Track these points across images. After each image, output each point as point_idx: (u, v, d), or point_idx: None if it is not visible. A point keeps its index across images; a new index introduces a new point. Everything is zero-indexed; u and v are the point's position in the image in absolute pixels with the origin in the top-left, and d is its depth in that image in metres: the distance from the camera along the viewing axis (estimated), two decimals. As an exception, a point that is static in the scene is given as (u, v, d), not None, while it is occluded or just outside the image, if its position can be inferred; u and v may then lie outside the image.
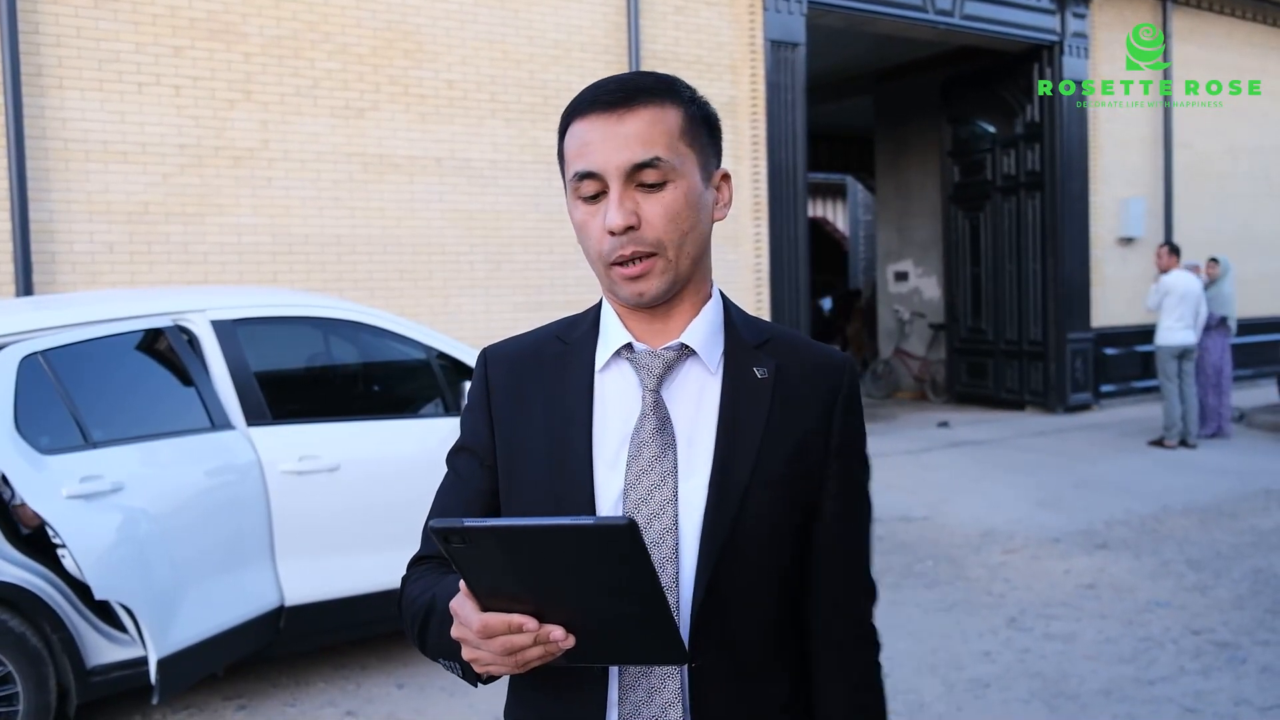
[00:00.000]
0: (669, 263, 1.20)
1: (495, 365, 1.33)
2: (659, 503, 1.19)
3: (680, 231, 1.20)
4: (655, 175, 1.18)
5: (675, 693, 1.18)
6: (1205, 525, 6.72)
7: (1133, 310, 12.05)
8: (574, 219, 1.24)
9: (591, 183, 1.20)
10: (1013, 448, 9.69)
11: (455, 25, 7.79)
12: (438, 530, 0.99)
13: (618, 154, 1.18)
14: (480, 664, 1.08)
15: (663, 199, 1.19)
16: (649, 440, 1.21)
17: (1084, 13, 11.39)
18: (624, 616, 1.04)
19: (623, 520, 0.96)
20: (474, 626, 1.04)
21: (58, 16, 6.41)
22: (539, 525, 0.99)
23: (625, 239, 1.18)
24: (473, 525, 0.98)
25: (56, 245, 6.42)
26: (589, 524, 0.98)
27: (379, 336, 4.75)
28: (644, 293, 1.21)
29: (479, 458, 1.32)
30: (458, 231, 7.83)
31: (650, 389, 1.23)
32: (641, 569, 0.99)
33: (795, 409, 1.26)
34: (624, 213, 1.17)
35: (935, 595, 5.45)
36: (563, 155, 1.26)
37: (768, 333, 1.32)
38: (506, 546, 1.00)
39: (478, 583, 1.03)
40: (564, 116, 1.25)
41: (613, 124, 1.19)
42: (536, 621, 1.03)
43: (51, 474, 3.55)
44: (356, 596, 4.32)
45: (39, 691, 3.65)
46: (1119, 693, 4.18)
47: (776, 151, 9.23)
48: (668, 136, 1.20)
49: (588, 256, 1.25)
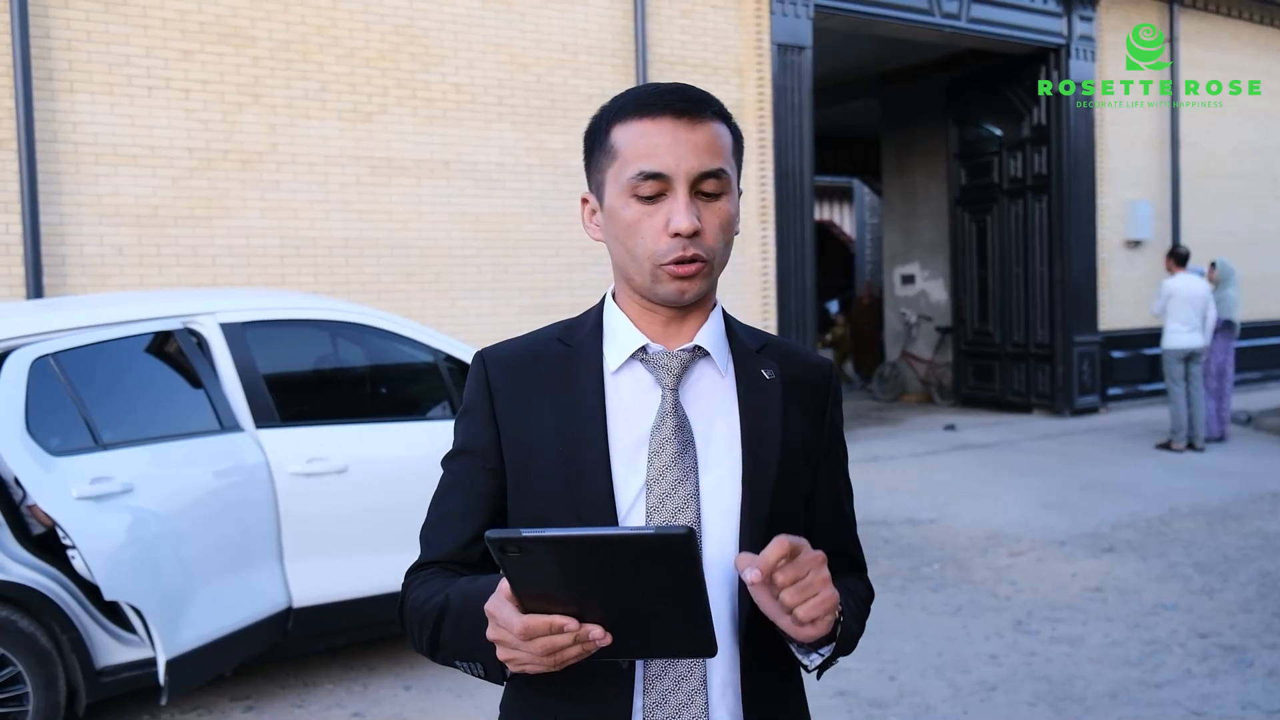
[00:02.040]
0: (712, 269, 1.27)
1: (495, 367, 1.34)
2: (682, 498, 1.24)
3: (725, 242, 1.28)
4: (716, 186, 1.25)
5: (700, 680, 1.23)
6: (1212, 528, 6.71)
7: (1140, 313, 12.03)
8: (623, 216, 1.25)
9: (655, 183, 1.23)
10: (1019, 450, 9.68)
11: (462, 29, 7.82)
12: (494, 540, 1.01)
13: (688, 159, 1.22)
14: (516, 664, 1.10)
15: (719, 209, 1.25)
16: (670, 438, 1.25)
17: (1091, 15, 11.38)
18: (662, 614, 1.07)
19: (682, 530, 0.99)
20: (516, 629, 1.06)
21: (68, 20, 6.45)
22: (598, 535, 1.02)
23: (687, 241, 1.23)
24: (530, 535, 1.00)
25: (67, 248, 6.45)
26: (649, 533, 1.00)
27: (386, 339, 4.77)
28: (686, 291, 1.26)
29: (481, 460, 1.33)
30: (464, 234, 7.85)
31: (670, 388, 1.28)
32: (692, 573, 1.02)
33: (797, 409, 1.34)
34: (691, 217, 1.22)
35: (941, 598, 5.45)
36: (608, 151, 1.27)
37: (763, 339, 1.39)
38: (562, 556, 1.01)
39: (523, 588, 1.05)
40: (616, 114, 1.26)
41: (683, 130, 1.23)
42: (577, 622, 1.05)
43: (62, 475, 3.58)
44: (364, 598, 4.33)
45: (48, 691, 3.67)
46: (1125, 696, 4.18)
47: (783, 154, 9.23)
48: (725, 151, 1.26)
49: (630, 254, 1.26)
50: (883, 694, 4.24)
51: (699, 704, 1.22)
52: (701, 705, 1.22)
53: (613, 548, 1.01)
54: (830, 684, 4.31)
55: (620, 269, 1.30)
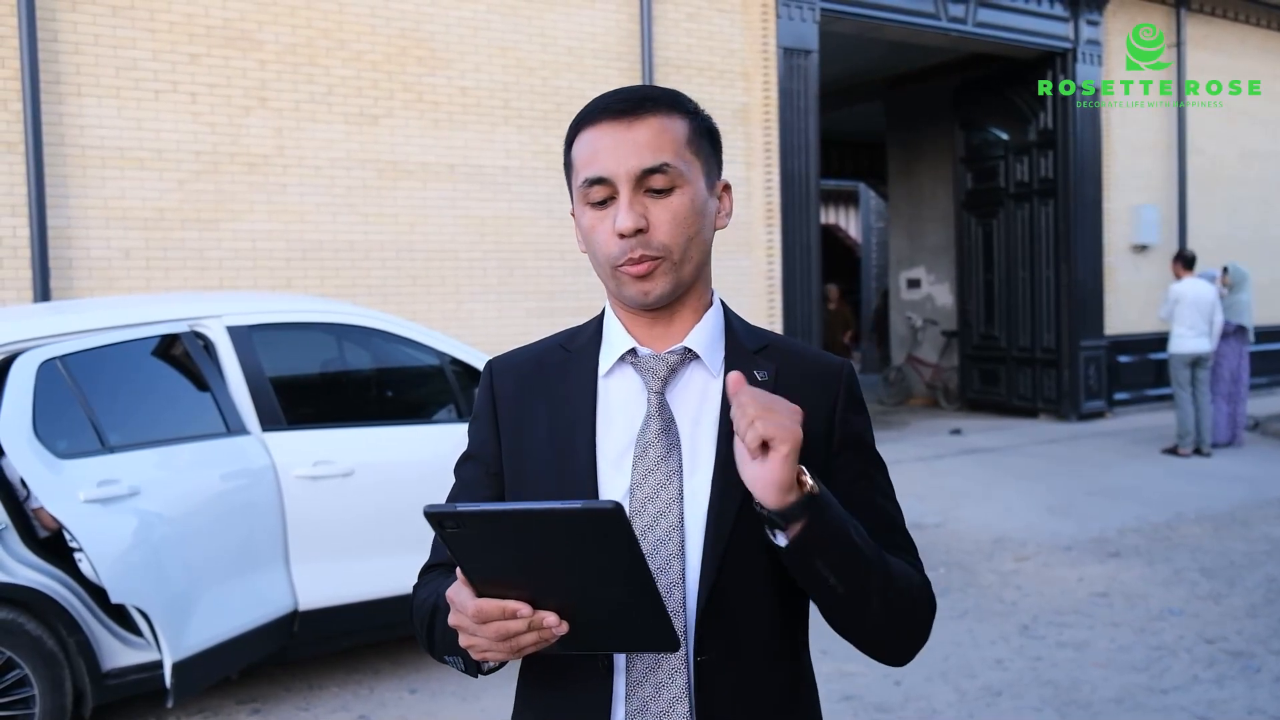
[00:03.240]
0: (673, 265, 1.24)
1: (500, 375, 1.37)
2: (665, 501, 1.23)
3: (686, 236, 1.24)
4: (663, 181, 1.23)
5: (683, 688, 1.21)
6: (1219, 533, 6.70)
7: (1146, 317, 12.00)
8: (581, 225, 1.27)
9: (601, 188, 1.23)
10: (1025, 455, 9.67)
11: (468, 32, 7.83)
12: (432, 515, 1.02)
13: (628, 159, 1.22)
14: (476, 650, 1.11)
15: (670, 204, 1.23)
16: (654, 441, 1.25)
17: (1098, 20, 11.37)
18: (616, 603, 1.07)
19: (609, 504, 0.98)
20: (469, 611, 1.07)
21: (76, 24, 6.47)
22: (528, 509, 1.01)
23: (634, 242, 1.22)
24: (465, 509, 1.01)
25: (74, 251, 6.47)
26: (576, 507, 0.99)
27: (392, 342, 4.77)
28: (649, 291, 1.24)
29: (485, 465, 1.35)
30: (470, 237, 7.86)
31: (655, 391, 1.27)
32: (630, 554, 1.02)
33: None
34: (634, 215, 1.21)
35: (947, 602, 5.44)
36: (570, 164, 1.29)
37: (766, 339, 1.36)
38: (497, 530, 1.02)
39: (473, 569, 1.06)
40: (572, 127, 1.29)
41: (622, 130, 1.23)
42: (530, 607, 1.05)
43: (68, 478, 3.59)
44: (370, 601, 4.34)
45: (55, 694, 3.68)
46: (1131, 701, 4.17)
47: (789, 158, 9.23)
48: (675, 144, 1.24)
49: (594, 261, 1.28)
50: (888, 699, 4.24)
51: (681, 712, 1.20)
52: (684, 714, 1.20)
53: (544, 522, 1.01)
54: (836, 688, 4.30)
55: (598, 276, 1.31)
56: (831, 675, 4.37)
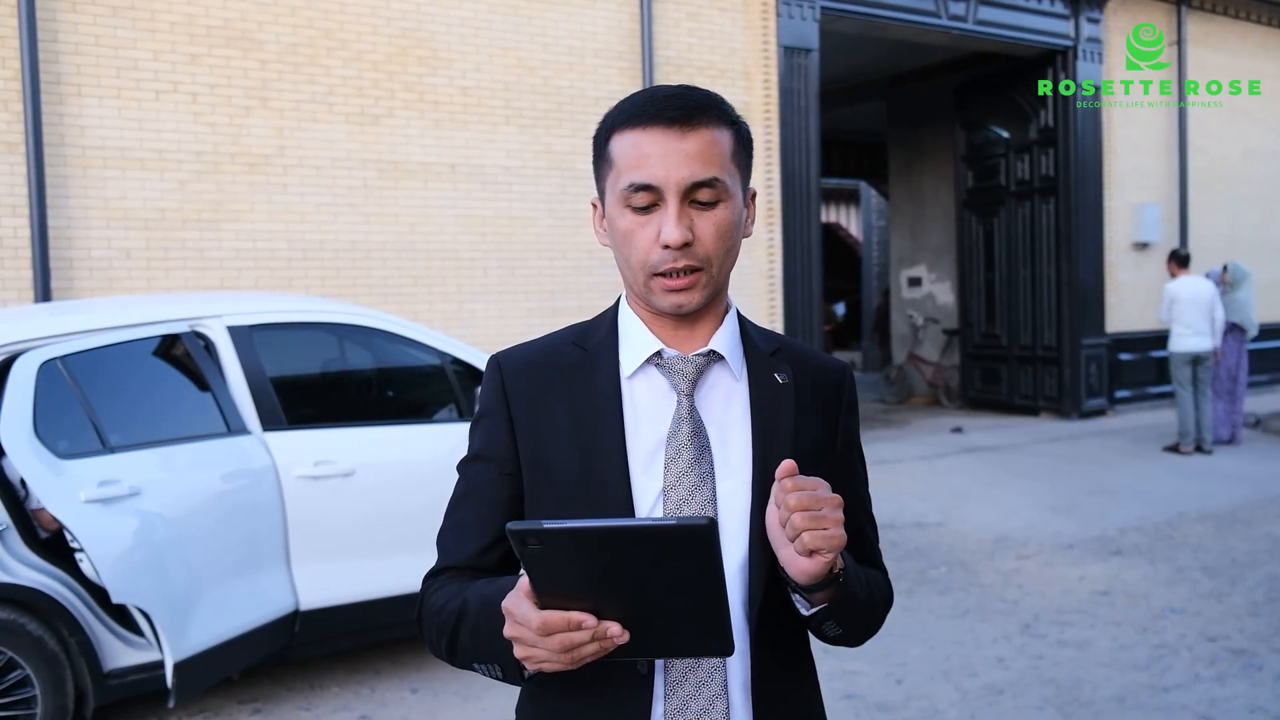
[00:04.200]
0: (711, 278, 1.25)
1: (511, 372, 1.34)
2: (699, 503, 1.24)
3: (725, 249, 1.26)
4: (711, 194, 1.23)
5: (721, 685, 1.22)
6: (1220, 532, 6.69)
7: (1147, 316, 11.99)
8: (618, 226, 1.26)
9: (646, 194, 1.22)
10: (1027, 453, 9.66)
11: (469, 32, 7.83)
12: (515, 532, 1.00)
13: (679, 170, 1.21)
14: (533, 661, 1.09)
15: (715, 218, 1.23)
16: (687, 444, 1.25)
17: (1098, 17, 11.36)
18: (679, 610, 1.06)
19: (703, 520, 0.99)
20: (533, 624, 1.05)
21: (76, 24, 6.47)
22: (620, 526, 1.01)
23: (679, 253, 1.22)
24: (552, 527, 1.00)
25: (74, 251, 6.47)
26: (671, 524, 0.99)
27: (393, 342, 4.77)
28: (684, 304, 1.25)
29: (498, 466, 1.32)
30: (471, 237, 7.86)
31: (685, 393, 1.28)
32: (712, 567, 1.02)
33: (810, 413, 1.33)
34: (682, 228, 1.21)
35: (949, 601, 5.44)
36: (608, 160, 1.27)
37: (777, 341, 1.38)
38: (583, 547, 1.01)
39: (542, 583, 1.05)
40: (614, 122, 1.26)
41: (674, 139, 1.21)
42: (595, 618, 1.05)
43: (69, 478, 3.59)
44: (371, 601, 4.33)
45: (56, 694, 3.68)
46: (1133, 700, 4.17)
47: (789, 157, 9.23)
48: (722, 158, 1.24)
49: (627, 263, 1.27)
50: (890, 697, 4.23)
51: (720, 709, 1.22)
52: (723, 710, 1.22)
53: (635, 538, 1.01)
54: (838, 687, 4.30)
55: (623, 275, 1.30)
56: (833, 674, 4.37)
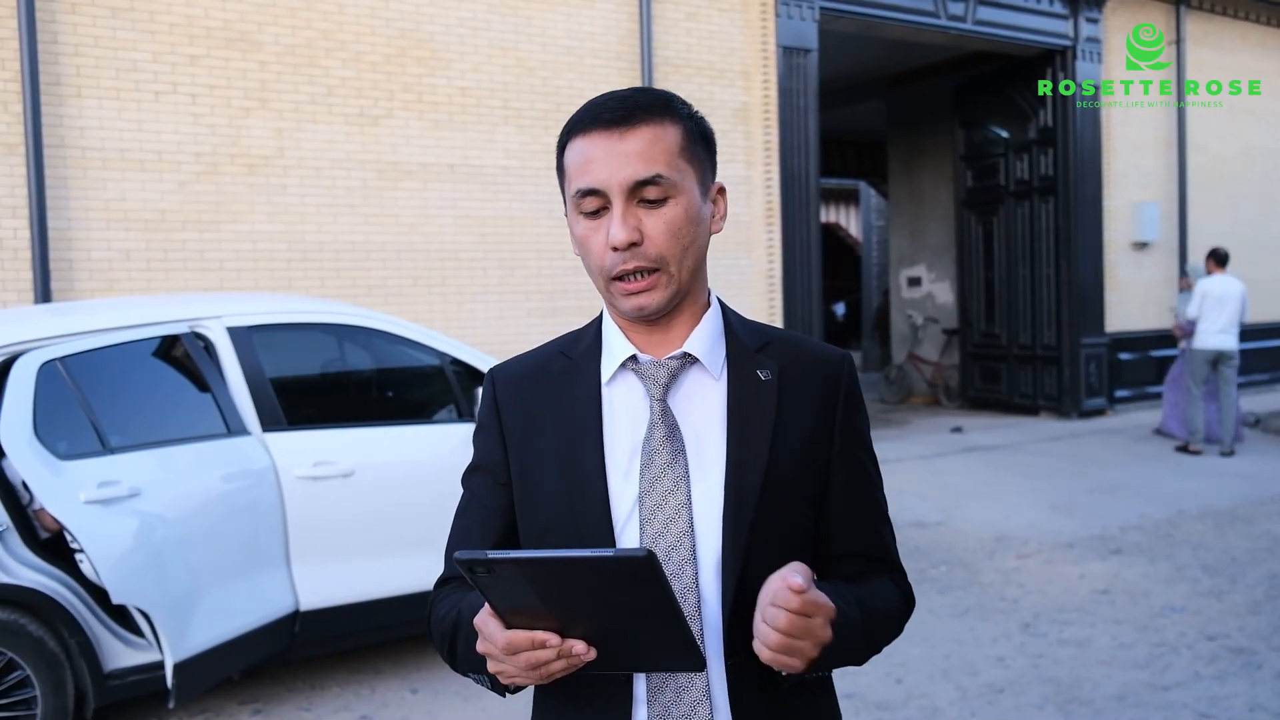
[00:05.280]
0: (671, 277, 1.24)
1: (503, 385, 1.37)
2: (674, 508, 1.23)
3: (681, 246, 1.24)
4: (657, 192, 1.22)
5: (703, 691, 1.22)
6: (1220, 530, 6.69)
7: (1147, 314, 12.00)
8: (575, 234, 1.27)
9: (594, 199, 1.23)
10: (1026, 453, 9.67)
11: (468, 33, 7.83)
12: (462, 562, 1.02)
13: (620, 171, 1.21)
14: (505, 677, 1.12)
15: (664, 215, 1.22)
16: (660, 447, 1.25)
17: (1097, 17, 11.36)
18: (642, 630, 1.08)
19: (641, 552, 0.99)
20: (499, 644, 1.07)
21: (76, 26, 6.48)
22: (559, 557, 1.02)
23: (628, 254, 1.21)
24: (496, 557, 1.01)
25: (74, 252, 6.48)
26: (608, 555, 1.00)
27: (393, 343, 4.78)
28: (645, 307, 1.24)
29: (494, 476, 1.35)
30: (471, 238, 7.86)
31: (658, 398, 1.27)
32: (661, 593, 1.03)
33: (799, 409, 1.31)
34: (627, 228, 1.20)
35: (949, 600, 5.44)
36: (563, 171, 1.28)
37: (767, 335, 1.36)
38: (529, 576, 1.03)
39: (501, 605, 1.07)
40: (563, 133, 1.28)
41: (614, 141, 1.21)
42: (559, 637, 1.06)
43: (69, 479, 3.59)
44: (371, 601, 4.34)
45: (56, 695, 3.68)
46: (1133, 698, 4.17)
47: (789, 157, 9.23)
48: (668, 154, 1.23)
49: (589, 271, 1.28)
50: (890, 696, 4.24)
51: (703, 713, 1.22)
52: (706, 715, 1.22)
53: (578, 569, 1.02)
54: (837, 686, 4.29)
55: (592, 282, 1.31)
56: (832, 673, 4.36)
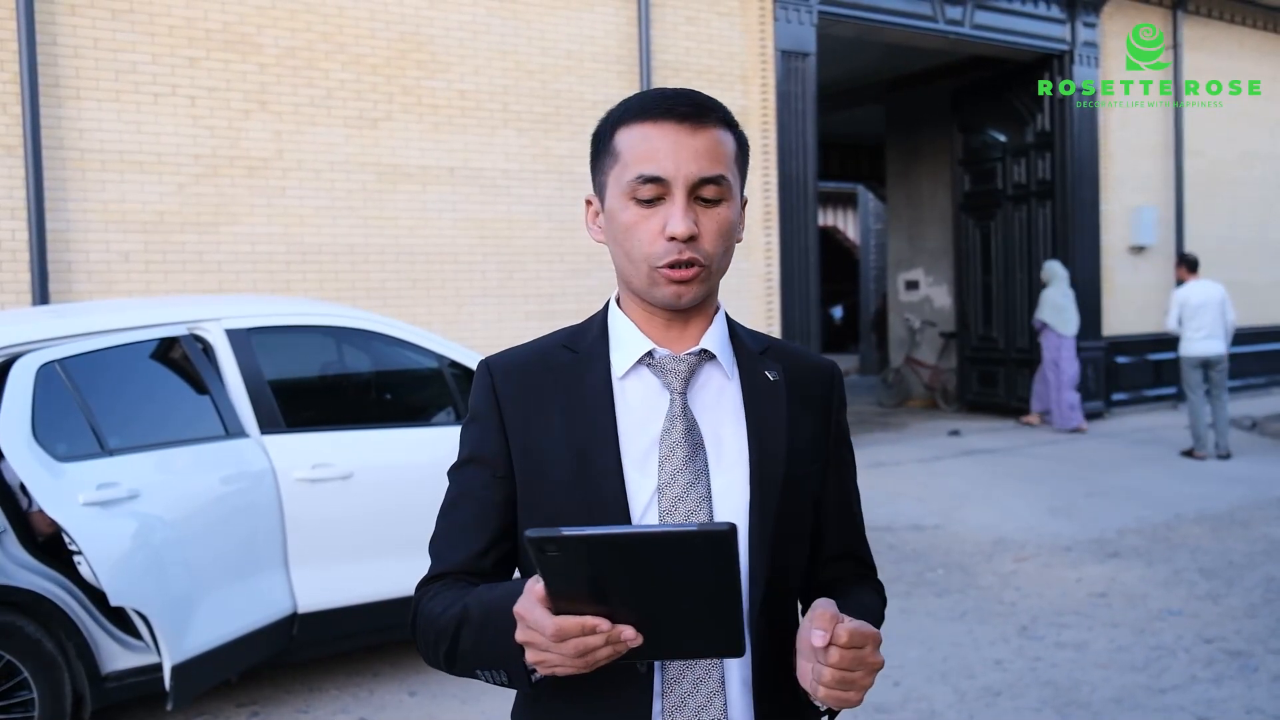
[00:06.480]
0: (709, 274, 1.28)
1: (501, 375, 1.35)
2: (695, 500, 1.25)
3: (724, 248, 1.28)
4: (715, 192, 1.25)
5: (719, 682, 1.24)
6: (1218, 533, 6.70)
7: (1144, 319, 12.01)
8: (620, 219, 1.27)
9: (654, 187, 1.24)
10: (1024, 456, 9.67)
11: (468, 36, 7.84)
12: (534, 540, 1.01)
13: (688, 164, 1.23)
14: (546, 666, 1.10)
15: (717, 215, 1.26)
16: (680, 442, 1.26)
17: (1094, 22, 11.38)
18: (693, 613, 1.07)
19: (725, 526, 0.99)
20: (548, 630, 1.05)
21: (75, 27, 6.48)
22: (641, 533, 1.01)
23: (684, 246, 1.24)
24: (571, 534, 1.00)
25: (73, 254, 6.47)
26: (693, 530, 1.00)
27: (392, 345, 4.78)
28: (683, 295, 1.27)
29: (491, 469, 1.33)
30: (470, 241, 7.87)
31: (679, 391, 1.29)
32: (731, 571, 1.03)
33: (802, 411, 1.36)
34: (689, 221, 1.23)
35: (946, 603, 5.45)
36: (611, 153, 1.28)
37: (766, 342, 1.41)
38: (602, 555, 1.02)
39: (557, 589, 1.05)
40: (620, 117, 1.28)
41: (685, 135, 1.24)
42: (609, 623, 1.05)
43: (68, 481, 3.59)
44: (369, 603, 4.34)
45: (54, 697, 3.68)
46: (1131, 701, 4.18)
47: (787, 160, 9.24)
48: (727, 158, 1.27)
49: (628, 256, 1.27)
50: (887, 699, 4.24)
51: (718, 705, 1.23)
52: (720, 707, 1.23)
53: (654, 546, 1.01)
54: (835, 690, 4.29)
55: (620, 272, 1.31)
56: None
